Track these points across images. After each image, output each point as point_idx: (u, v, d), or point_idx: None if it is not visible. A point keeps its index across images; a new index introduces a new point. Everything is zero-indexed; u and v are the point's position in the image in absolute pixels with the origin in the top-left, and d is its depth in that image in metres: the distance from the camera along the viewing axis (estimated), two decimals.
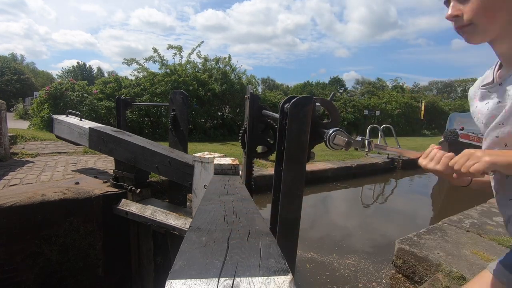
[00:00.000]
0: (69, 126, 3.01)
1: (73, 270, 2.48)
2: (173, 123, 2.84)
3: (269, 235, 0.78)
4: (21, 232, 2.24)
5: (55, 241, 2.39)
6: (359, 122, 17.74)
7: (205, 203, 1.02)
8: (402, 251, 2.61)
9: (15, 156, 4.22)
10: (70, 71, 46.77)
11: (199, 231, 0.77)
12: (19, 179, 3.15)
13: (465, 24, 0.68)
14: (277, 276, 0.58)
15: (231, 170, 1.58)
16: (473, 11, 0.64)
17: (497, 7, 0.63)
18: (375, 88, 32.70)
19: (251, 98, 1.48)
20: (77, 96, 8.98)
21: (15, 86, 34.18)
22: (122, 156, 2.52)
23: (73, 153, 4.80)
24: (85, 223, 2.52)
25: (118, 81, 10.49)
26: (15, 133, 5.65)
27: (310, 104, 1.04)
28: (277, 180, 1.16)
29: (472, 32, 0.68)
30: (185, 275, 0.55)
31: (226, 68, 12.07)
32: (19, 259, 2.25)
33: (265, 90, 21.02)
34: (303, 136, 1.07)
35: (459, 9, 0.68)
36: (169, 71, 10.91)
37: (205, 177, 1.87)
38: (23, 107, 18.27)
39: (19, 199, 2.27)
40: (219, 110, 12.24)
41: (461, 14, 0.67)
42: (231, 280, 0.54)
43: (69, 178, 3.23)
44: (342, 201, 5.66)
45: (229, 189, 1.24)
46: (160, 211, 2.41)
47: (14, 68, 36.67)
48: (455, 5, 0.69)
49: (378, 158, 7.99)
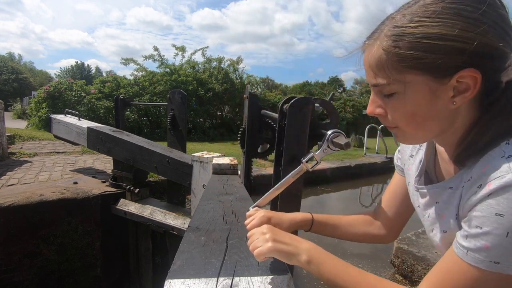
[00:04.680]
0: (67, 126, 3.01)
1: (71, 270, 2.48)
2: (171, 122, 2.84)
3: None
4: (19, 232, 2.24)
5: (53, 241, 2.39)
6: (358, 121, 17.77)
7: (204, 203, 1.02)
8: (401, 251, 2.62)
9: (13, 156, 4.21)
10: (68, 70, 46.72)
11: (198, 230, 0.77)
12: (17, 179, 3.14)
13: (390, 126, 0.55)
14: (275, 275, 0.58)
15: (230, 170, 1.58)
16: (397, 117, 0.51)
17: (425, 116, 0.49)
18: None
19: (250, 98, 1.48)
20: (75, 95, 8.95)
21: (13, 86, 34.06)
22: (121, 155, 2.51)
23: (72, 153, 4.78)
24: (83, 223, 2.51)
25: (116, 81, 10.47)
26: (13, 132, 5.63)
27: (309, 105, 1.05)
28: (276, 180, 1.16)
29: (401, 136, 0.55)
30: (184, 275, 0.55)
31: (228, 68, 12.10)
32: (17, 259, 2.24)
33: (264, 90, 21.03)
34: (302, 137, 1.07)
35: (381, 107, 0.53)
36: (168, 71, 10.91)
37: (204, 176, 1.87)
38: (21, 107, 18.19)
39: (17, 199, 2.26)
40: (218, 110, 12.25)
41: (385, 113, 0.53)
42: (230, 280, 0.54)
43: (68, 178, 3.23)
44: (340, 201, 5.67)
45: (228, 188, 1.24)
46: (159, 211, 2.41)
47: (11, 67, 36.54)
48: (375, 100, 0.54)
49: (377, 158, 8.01)
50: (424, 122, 0.50)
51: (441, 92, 0.46)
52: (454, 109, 0.48)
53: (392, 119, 0.52)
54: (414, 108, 0.49)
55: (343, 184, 6.24)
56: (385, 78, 0.49)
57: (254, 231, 0.60)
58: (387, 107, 0.52)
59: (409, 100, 0.48)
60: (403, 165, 0.74)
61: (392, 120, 0.52)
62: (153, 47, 11.12)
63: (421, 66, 0.45)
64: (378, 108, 0.54)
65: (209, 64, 12.07)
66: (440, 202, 0.56)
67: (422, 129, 0.52)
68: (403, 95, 0.48)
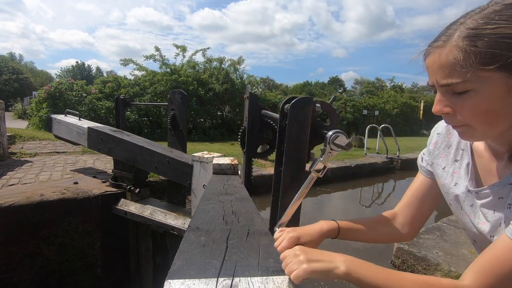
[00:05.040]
0: (68, 126, 3.01)
1: (71, 270, 2.48)
2: (172, 122, 2.84)
3: (268, 235, 0.78)
4: (19, 232, 2.24)
5: (54, 241, 2.39)
6: (358, 122, 17.77)
7: (204, 203, 1.02)
8: (401, 251, 2.62)
9: (14, 156, 4.21)
10: (69, 70, 46.72)
11: (198, 231, 0.77)
12: (18, 178, 3.14)
13: (458, 124, 0.56)
14: (276, 276, 0.58)
15: (230, 170, 1.58)
16: (470, 115, 0.53)
17: (499, 112, 0.51)
18: (374, 88, 32.75)
19: (250, 98, 1.48)
20: (76, 95, 8.96)
21: (14, 86, 34.11)
22: (121, 155, 2.51)
23: (72, 153, 4.79)
24: (83, 223, 2.51)
25: (117, 81, 10.48)
26: (14, 132, 5.64)
27: (310, 105, 1.05)
28: (277, 180, 1.16)
29: (469, 134, 0.57)
30: (184, 275, 0.55)
31: (229, 68, 12.10)
32: (17, 259, 2.25)
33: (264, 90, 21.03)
34: (303, 137, 1.07)
35: (449, 106, 0.55)
36: (169, 71, 10.91)
37: (204, 176, 1.87)
38: (21, 107, 18.21)
39: (17, 199, 2.26)
40: (219, 110, 12.25)
41: (453, 112, 0.55)
42: (230, 280, 0.54)
43: (68, 178, 3.23)
44: (340, 201, 5.67)
45: (228, 189, 1.24)
46: (159, 211, 2.41)
47: (12, 67, 36.58)
48: (443, 100, 0.55)
49: (377, 158, 8.01)
50: (497, 118, 0.52)
51: None
52: None
53: (462, 117, 0.54)
54: (490, 104, 0.51)
55: (344, 184, 6.24)
56: (460, 76, 0.50)
57: (286, 253, 0.61)
58: (457, 105, 0.54)
59: (485, 97, 0.50)
60: (432, 167, 0.76)
61: (462, 118, 0.54)
62: (155, 47, 11.15)
63: (498, 63, 0.47)
64: (446, 107, 0.55)
65: (210, 64, 12.08)
66: (504, 197, 0.58)
67: (495, 126, 0.53)
68: (479, 92, 0.50)
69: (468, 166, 0.66)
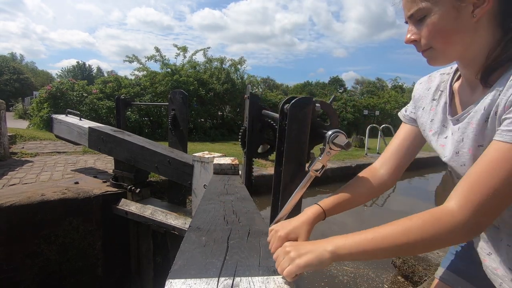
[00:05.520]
0: (69, 126, 3.01)
1: (72, 270, 2.48)
2: (172, 122, 2.84)
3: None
4: (20, 232, 2.24)
5: (55, 240, 2.39)
6: (358, 122, 17.75)
7: (205, 203, 1.02)
8: None
9: (15, 156, 4.22)
10: (69, 70, 46.76)
11: (199, 230, 0.77)
12: (19, 178, 3.15)
13: (424, 49, 0.64)
14: (277, 275, 0.58)
15: (230, 170, 1.58)
16: (428, 35, 0.62)
17: (452, 29, 0.59)
18: (375, 88, 32.71)
19: (251, 98, 1.48)
20: (77, 95, 8.97)
21: (15, 86, 34.14)
22: (122, 155, 2.52)
23: (73, 153, 4.79)
24: (84, 223, 2.52)
25: (117, 81, 10.49)
26: (15, 132, 5.65)
27: (310, 105, 1.04)
28: (277, 180, 1.16)
29: (432, 56, 0.65)
30: (185, 275, 0.55)
31: (229, 68, 12.10)
32: (18, 259, 2.25)
33: (265, 90, 21.03)
34: (303, 137, 1.07)
35: (416, 33, 0.64)
36: (169, 71, 10.91)
37: (205, 176, 1.87)
38: (22, 107, 18.22)
39: (18, 199, 2.27)
40: (219, 110, 12.25)
41: (419, 38, 0.64)
42: (230, 280, 0.54)
43: (69, 177, 3.23)
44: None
45: (228, 188, 1.25)
46: (160, 211, 2.41)
47: (13, 67, 36.62)
48: (412, 29, 0.65)
49: (378, 158, 8.00)
50: (451, 35, 0.60)
51: (462, 8, 0.57)
52: (475, 22, 0.58)
53: (424, 39, 0.63)
54: (443, 24, 0.59)
55: (344, 184, 6.21)
56: (417, 4, 0.61)
57: (278, 252, 0.62)
58: (420, 31, 0.63)
59: (437, 17, 0.59)
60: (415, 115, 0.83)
61: (424, 40, 0.63)
62: (155, 48, 11.14)
63: None
64: (412, 35, 0.65)
65: (210, 64, 12.08)
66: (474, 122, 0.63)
67: (451, 43, 0.61)
68: (432, 15, 0.60)
69: (446, 104, 0.73)
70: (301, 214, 0.75)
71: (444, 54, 0.63)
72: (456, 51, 0.62)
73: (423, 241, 0.54)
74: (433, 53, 0.64)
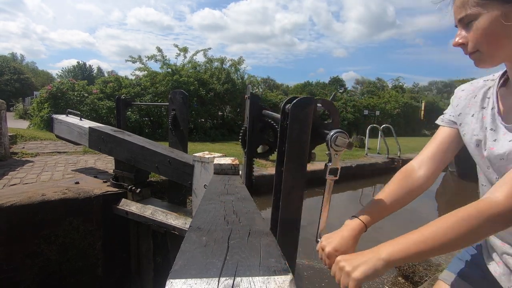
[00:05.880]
0: (69, 126, 3.01)
1: (72, 270, 2.48)
2: (173, 123, 2.84)
3: (270, 234, 0.78)
4: (20, 232, 2.24)
5: (55, 240, 2.39)
6: (359, 122, 17.75)
7: (205, 203, 1.02)
8: None
9: (15, 156, 4.22)
10: (70, 70, 46.81)
11: (199, 231, 0.77)
12: (19, 178, 3.15)
13: (470, 51, 0.67)
14: (277, 275, 0.58)
15: (231, 170, 1.58)
16: (476, 39, 0.64)
17: (499, 34, 0.61)
18: (375, 88, 32.70)
19: (251, 98, 1.48)
20: (77, 95, 8.98)
21: (15, 86, 34.17)
22: (122, 155, 2.52)
23: (73, 153, 4.80)
24: (84, 223, 2.52)
25: (118, 81, 10.50)
26: (15, 132, 5.65)
27: (311, 105, 1.04)
28: (278, 180, 1.16)
29: (479, 59, 0.67)
30: (185, 275, 0.55)
31: (230, 68, 12.10)
32: (18, 259, 2.25)
33: (265, 90, 21.04)
34: (304, 137, 1.07)
35: (464, 37, 0.66)
36: (170, 71, 10.92)
37: (205, 177, 1.87)
38: (23, 107, 18.25)
39: (19, 199, 2.27)
40: (220, 110, 12.26)
41: (466, 42, 0.66)
42: (231, 280, 0.54)
43: (69, 177, 3.24)
44: (341, 202, 5.65)
45: (229, 188, 1.24)
46: (160, 211, 2.41)
47: (13, 67, 36.65)
48: (460, 32, 0.68)
49: (378, 158, 8.00)
50: (499, 39, 0.62)
51: (510, 13, 0.60)
52: None
53: (472, 43, 0.65)
54: (491, 29, 0.61)
55: (344, 184, 6.22)
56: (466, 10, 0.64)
57: (333, 269, 0.65)
58: (468, 35, 0.65)
59: (485, 22, 0.62)
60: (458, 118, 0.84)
61: (472, 44, 0.65)
62: (156, 48, 11.14)
63: None
64: (460, 38, 0.67)
65: (211, 64, 12.08)
66: None
67: (499, 47, 0.63)
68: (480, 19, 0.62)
69: (493, 110, 0.75)
70: (344, 229, 0.79)
71: (492, 57, 0.65)
72: (504, 54, 0.65)
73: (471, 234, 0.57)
74: (480, 56, 0.66)
